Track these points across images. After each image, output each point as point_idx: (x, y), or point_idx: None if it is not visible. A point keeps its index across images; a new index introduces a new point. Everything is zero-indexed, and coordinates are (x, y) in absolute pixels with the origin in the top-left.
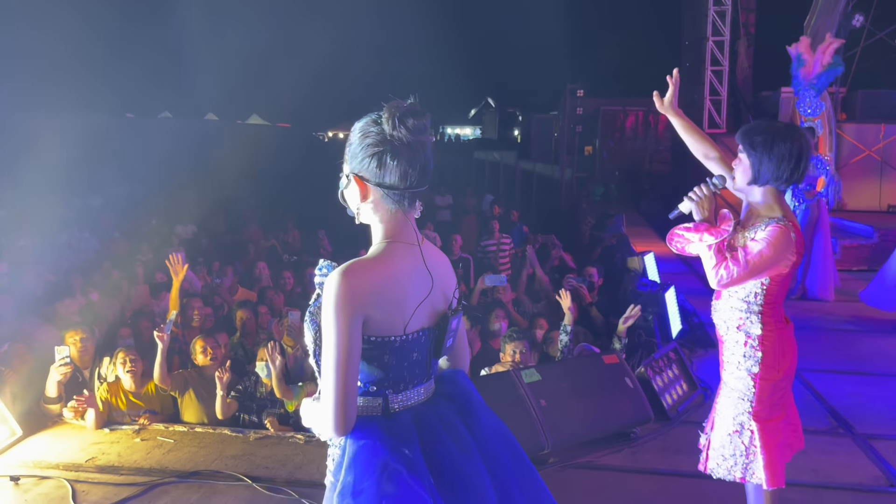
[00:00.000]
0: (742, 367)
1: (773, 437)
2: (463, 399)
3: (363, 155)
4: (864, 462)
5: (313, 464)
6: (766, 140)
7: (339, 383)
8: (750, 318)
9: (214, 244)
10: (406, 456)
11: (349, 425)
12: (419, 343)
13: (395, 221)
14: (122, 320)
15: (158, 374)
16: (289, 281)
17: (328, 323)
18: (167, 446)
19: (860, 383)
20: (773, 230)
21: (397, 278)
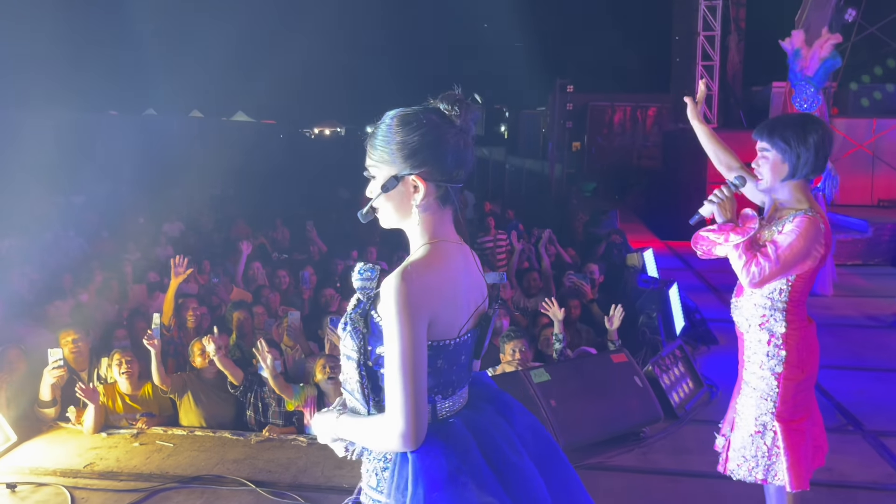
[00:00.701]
0: (765, 367)
1: (798, 439)
2: (499, 400)
3: (428, 151)
4: (876, 460)
5: (317, 467)
6: (799, 133)
7: (410, 393)
8: (774, 316)
9: (202, 242)
10: (471, 464)
11: (421, 437)
12: (467, 345)
13: (442, 221)
14: (118, 321)
15: (157, 377)
16: (284, 280)
17: (394, 330)
18: (167, 451)
19: (865, 379)
20: (802, 220)
21: (454, 279)
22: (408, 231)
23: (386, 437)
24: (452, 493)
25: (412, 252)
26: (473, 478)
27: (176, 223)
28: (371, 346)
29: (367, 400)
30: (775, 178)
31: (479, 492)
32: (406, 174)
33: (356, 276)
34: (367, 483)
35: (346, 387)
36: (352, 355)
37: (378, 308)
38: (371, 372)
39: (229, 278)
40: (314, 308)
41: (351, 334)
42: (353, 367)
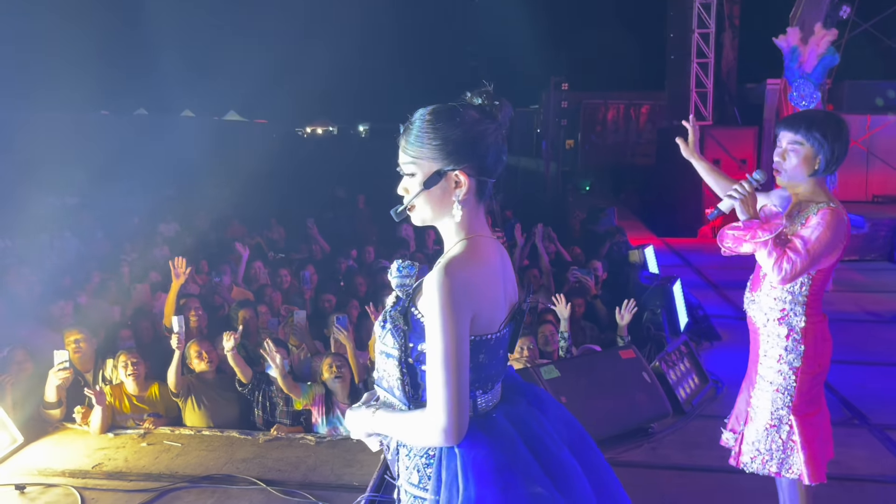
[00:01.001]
0: (784, 361)
1: (813, 432)
2: (530, 392)
3: (469, 146)
4: (883, 453)
5: (326, 465)
6: (834, 129)
7: (453, 389)
8: (794, 310)
9: (199, 242)
10: (517, 457)
11: (463, 432)
12: (505, 339)
13: (478, 215)
14: (120, 322)
15: (174, 380)
16: (285, 279)
17: (437, 326)
18: (175, 450)
19: (868, 373)
20: (826, 213)
21: (493, 273)
22: (442, 227)
23: (427, 432)
24: (502, 486)
25: (448, 248)
26: (521, 470)
27: (171, 223)
28: (412, 343)
29: (406, 397)
30: (804, 171)
31: (528, 483)
32: (449, 169)
33: (394, 273)
34: (408, 480)
35: (383, 384)
36: (392, 353)
37: (418, 304)
38: (412, 369)
39: (231, 278)
40: (316, 307)
41: (392, 332)
42: (394, 364)
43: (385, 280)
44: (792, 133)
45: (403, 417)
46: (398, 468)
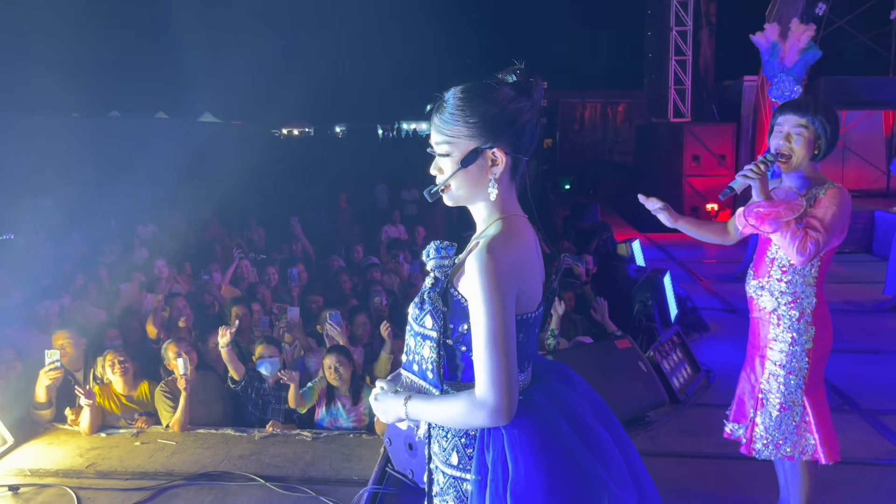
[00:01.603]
0: (797, 344)
1: (823, 411)
2: (559, 370)
3: (508, 124)
4: (875, 437)
5: (325, 461)
6: (830, 113)
7: (503, 368)
8: (805, 292)
9: (178, 244)
10: (560, 433)
11: (514, 411)
12: (539, 318)
13: (511, 195)
14: (109, 321)
15: (179, 422)
16: (273, 277)
17: (484, 306)
18: (170, 448)
19: (855, 361)
20: (835, 192)
21: (530, 252)
22: (476, 208)
23: (476, 413)
24: (549, 463)
25: (484, 228)
26: (565, 446)
27: (149, 225)
28: (452, 325)
29: (441, 379)
30: (808, 154)
31: (573, 458)
32: (487, 147)
33: (431, 254)
34: (446, 462)
35: (413, 368)
36: (430, 334)
37: (458, 285)
38: (450, 350)
39: (220, 276)
40: (304, 305)
41: (431, 313)
42: (431, 346)
43: (374, 276)
44: (797, 116)
45: (445, 402)
46: (430, 450)
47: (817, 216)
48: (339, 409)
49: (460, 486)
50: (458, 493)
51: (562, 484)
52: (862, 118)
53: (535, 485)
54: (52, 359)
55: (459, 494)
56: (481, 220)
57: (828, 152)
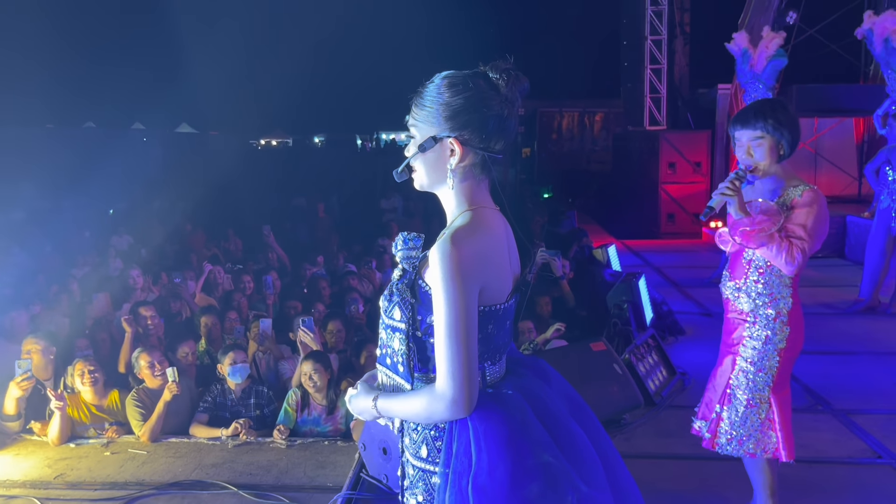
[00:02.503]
0: (771, 343)
1: (787, 410)
2: (535, 364)
3: (470, 115)
4: (848, 436)
5: (299, 468)
6: (781, 112)
7: (463, 359)
8: (782, 293)
9: (154, 255)
10: (529, 427)
11: (474, 403)
12: (511, 310)
13: (479, 189)
14: (79, 330)
15: (150, 430)
16: (248, 285)
17: (445, 297)
18: (140, 458)
19: (828, 362)
20: (809, 195)
21: (499, 244)
22: (442, 197)
23: (436, 405)
24: (515, 456)
25: (451, 220)
26: (532, 440)
27: (124, 236)
28: (421, 316)
29: (411, 372)
30: (773, 159)
31: (539, 453)
32: (444, 136)
33: (400, 245)
34: (416, 455)
35: (386, 362)
36: (399, 327)
37: (425, 276)
38: (420, 343)
39: (194, 284)
40: (280, 313)
41: (399, 305)
42: (401, 338)
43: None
44: (750, 130)
45: (409, 398)
46: (402, 444)
47: (799, 223)
48: (315, 416)
49: (429, 480)
50: (427, 486)
51: (526, 479)
52: (833, 125)
53: (497, 478)
54: (23, 369)
55: (428, 487)
56: (449, 212)
57: (793, 149)
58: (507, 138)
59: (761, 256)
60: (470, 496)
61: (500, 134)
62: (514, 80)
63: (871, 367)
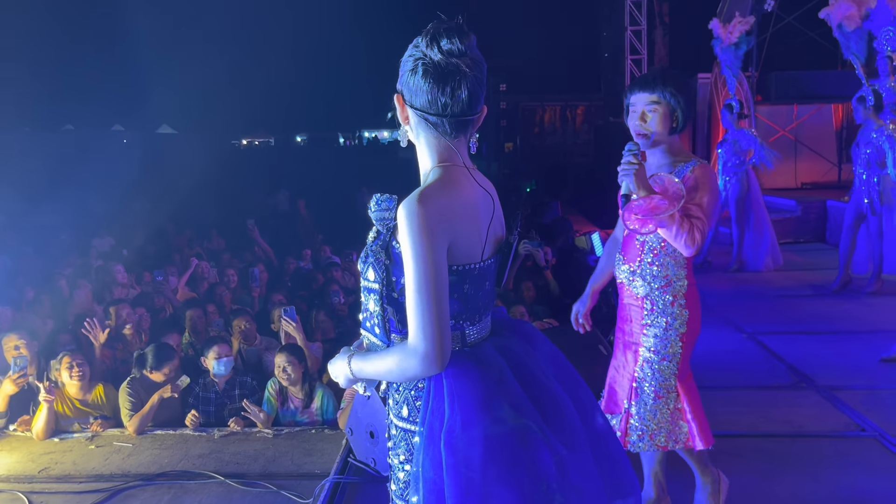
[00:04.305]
0: (671, 328)
1: (695, 396)
2: (521, 329)
3: (403, 72)
4: (831, 411)
5: (286, 456)
6: (679, 82)
7: (433, 314)
8: (677, 274)
9: (137, 255)
10: (505, 386)
11: (446, 359)
12: (490, 270)
13: (442, 147)
14: (62, 325)
15: (137, 423)
16: (233, 279)
17: (413, 254)
18: (126, 451)
19: (810, 342)
20: (699, 169)
21: (469, 201)
22: (419, 154)
23: (409, 362)
24: (489, 415)
25: (423, 177)
26: (508, 400)
27: (105, 238)
28: (395, 277)
29: (388, 333)
30: (666, 129)
31: (514, 413)
32: (397, 91)
33: (373, 207)
34: (398, 415)
35: (366, 325)
36: (374, 287)
37: (398, 237)
38: (395, 303)
39: (177, 279)
40: (265, 306)
41: (373, 266)
42: (375, 299)
43: (333, 276)
44: (647, 93)
45: (382, 356)
46: (388, 406)
47: (696, 202)
48: (293, 409)
49: (410, 439)
50: (408, 445)
51: (499, 437)
52: (812, 112)
53: (470, 436)
54: (19, 366)
55: (409, 447)
56: (422, 172)
57: (685, 124)
58: (426, 98)
59: (655, 237)
60: (443, 454)
61: (416, 91)
62: (431, 36)
63: (853, 346)
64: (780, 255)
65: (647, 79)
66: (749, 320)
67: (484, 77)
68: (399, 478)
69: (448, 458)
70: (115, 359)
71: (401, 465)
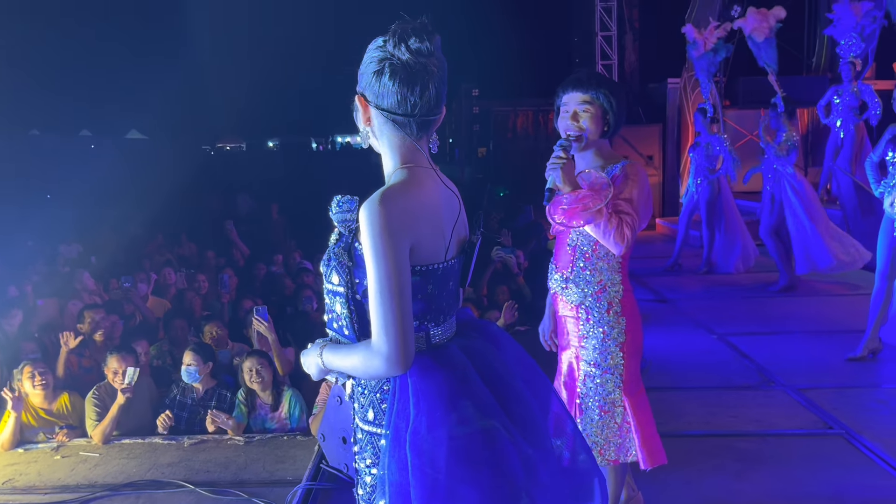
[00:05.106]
0: (610, 339)
1: (644, 410)
2: (486, 330)
3: (365, 73)
4: (799, 410)
5: (258, 463)
6: (613, 85)
7: (396, 315)
8: (612, 279)
9: (106, 262)
10: (470, 387)
11: (409, 360)
12: (454, 271)
13: (406, 148)
14: (25, 334)
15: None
16: (203, 285)
17: (375, 255)
18: (93, 461)
19: (778, 342)
20: (628, 168)
21: (432, 202)
22: (382, 156)
23: (372, 361)
24: (454, 416)
25: (386, 178)
26: (473, 400)
27: (73, 244)
28: (358, 279)
29: (357, 335)
30: (598, 131)
31: (479, 414)
32: (357, 92)
33: (334, 209)
34: (363, 418)
35: (333, 325)
36: (338, 290)
37: (360, 238)
38: (359, 306)
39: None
40: (236, 312)
41: (336, 269)
42: (341, 302)
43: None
44: (580, 93)
45: (349, 352)
46: (353, 410)
47: (625, 197)
48: (262, 415)
49: (376, 442)
50: (374, 448)
51: (464, 438)
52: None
53: (435, 437)
54: None
55: (375, 450)
56: (386, 174)
57: (617, 127)
58: (394, 98)
59: (586, 241)
60: (408, 457)
61: (383, 92)
62: (398, 35)
63: (820, 345)
64: (752, 257)
65: (581, 78)
66: (719, 321)
67: (446, 77)
68: (366, 482)
69: (413, 460)
70: (82, 367)
71: (367, 469)
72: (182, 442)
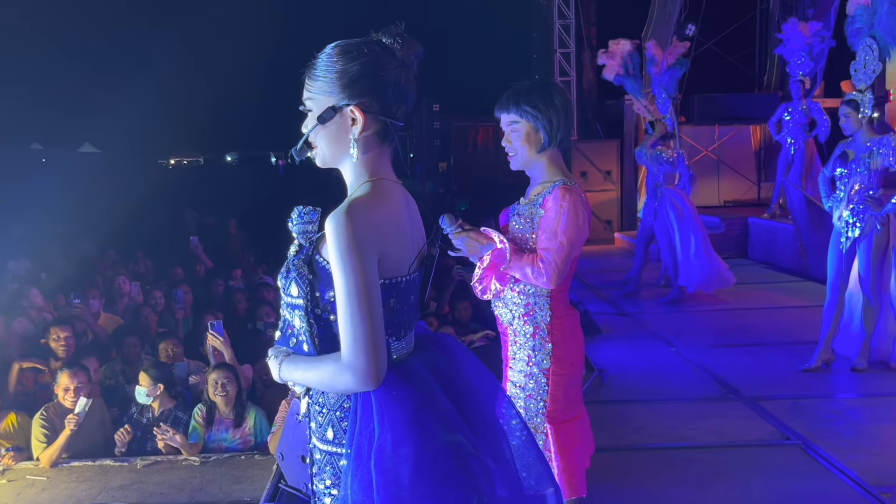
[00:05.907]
0: (533, 363)
1: (569, 441)
2: (442, 343)
3: (367, 81)
4: (757, 421)
5: (214, 484)
6: (545, 96)
7: (368, 329)
8: (538, 304)
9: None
10: (434, 402)
11: (382, 374)
12: (416, 284)
13: (381, 159)
14: None
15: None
16: (160, 301)
17: (343, 268)
18: (40, 484)
19: (735, 354)
20: (558, 192)
21: (398, 215)
22: (344, 171)
23: (342, 377)
24: (418, 432)
25: (351, 191)
26: (437, 415)
27: (22, 260)
28: (319, 293)
29: (316, 351)
30: (531, 151)
31: (444, 429)
32: (344, 104)
33: (295, 220)
34: (322, 438)
35: (290, 343)
36: (297, 303)
37: (322, 251)
38: (320, 320)
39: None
40: (192, 328)
41: (295, 280)
42: (301, 315)
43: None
44: (504, 113)
45: (315, 364)
46: (309, 429)
47: (545, 227)
48: (223, 430)
49: (336, 463)
50: (334, 469)
51: (430, 454)
52: (733, 133)
53: (400, 454)
54: None
55: (335, 471)
56: (349, 185)
57: (552, 141)
58: (407, 103)
59: None
60: (373, 476)
61: (400, 99)
62: (408, 43)
63: (775, 357)
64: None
65: (503, 100)
66: (677, 335)
67: None
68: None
69: (378, 478)
70: (38, 383)
71: (327, 491)
72: (134, 463)
